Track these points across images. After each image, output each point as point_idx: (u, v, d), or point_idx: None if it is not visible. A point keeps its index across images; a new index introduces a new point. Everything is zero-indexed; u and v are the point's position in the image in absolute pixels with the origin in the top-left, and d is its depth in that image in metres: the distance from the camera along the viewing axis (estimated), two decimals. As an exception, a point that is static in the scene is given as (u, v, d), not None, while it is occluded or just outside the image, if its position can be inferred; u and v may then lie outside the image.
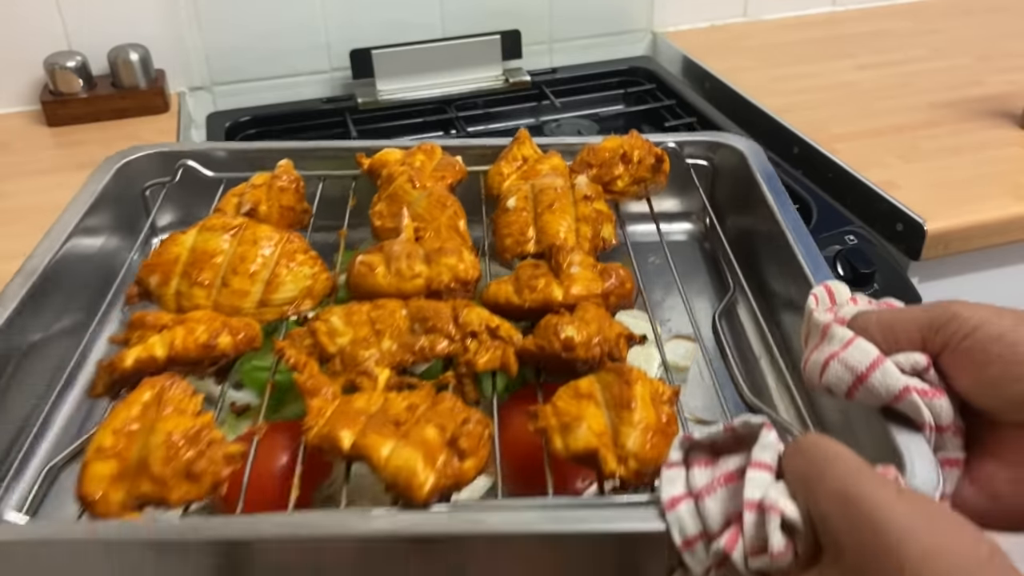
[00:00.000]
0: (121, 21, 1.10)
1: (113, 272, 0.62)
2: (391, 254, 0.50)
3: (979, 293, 0.98)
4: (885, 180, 0.93)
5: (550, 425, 0.42)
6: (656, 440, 0.41)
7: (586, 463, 0.42)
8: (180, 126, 1.08)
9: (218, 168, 0.65)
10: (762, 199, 0.62)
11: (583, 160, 0.62)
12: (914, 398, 0.36)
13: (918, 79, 1.16)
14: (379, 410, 0.42)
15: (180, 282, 0.49)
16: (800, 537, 0.31)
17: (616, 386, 0.43)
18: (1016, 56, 1.23)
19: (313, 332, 0.46)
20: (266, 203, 0.57)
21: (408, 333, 0.46)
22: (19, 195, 0.95)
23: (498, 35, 1.17)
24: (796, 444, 0.33)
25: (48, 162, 1.01)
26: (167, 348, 0.44)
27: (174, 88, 1.15)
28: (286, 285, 0.50)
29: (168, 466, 0.38)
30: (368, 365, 0.45)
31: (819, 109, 1.10)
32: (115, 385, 0.44)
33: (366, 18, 1.18)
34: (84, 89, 1.08)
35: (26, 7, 1.07)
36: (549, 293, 0.49)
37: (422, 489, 0.39)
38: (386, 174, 0.58)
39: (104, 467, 0.38)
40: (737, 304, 0.63)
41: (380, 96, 1.15)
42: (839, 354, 0.37)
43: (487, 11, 1.22)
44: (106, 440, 0.39)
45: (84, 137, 1.06)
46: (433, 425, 0.40)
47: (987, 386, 0.34)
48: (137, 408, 0.40)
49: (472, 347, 0.46)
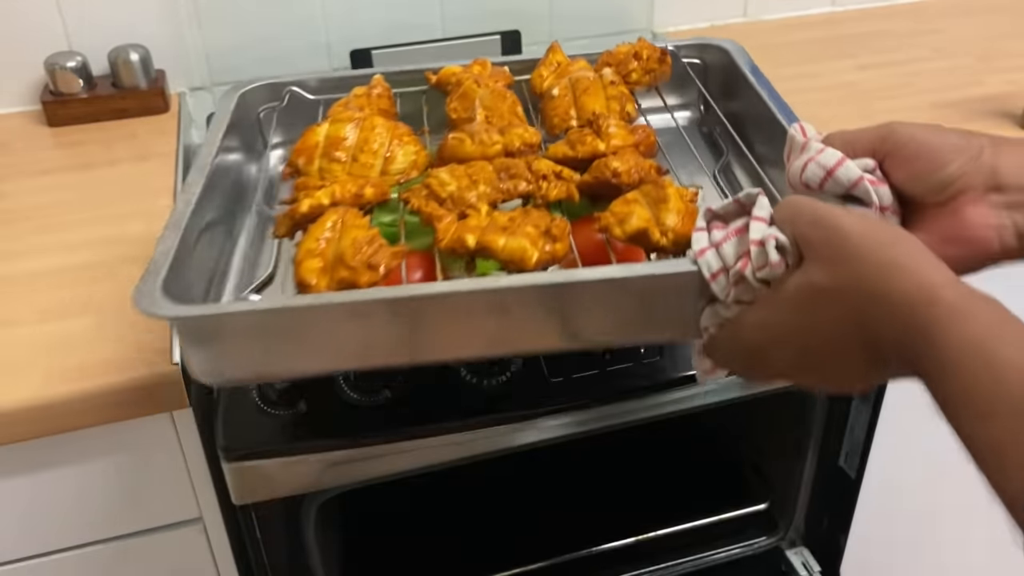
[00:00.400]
0: (121, 21, 1.10)
1: (242, 176, 0.79)
2: (473, 131, 0.67)
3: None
4: (885, 180, 0.93)
5: (610, 221, 0.59)
6: (686, 219, 0.57)
7: (638, 241, 0.58)
8: (180, 126, 1.08)
9: (315, 92, 0.82)
10: (748, 86, 0.77)
11: (604, 61, 0.79)
12: (866, 185, 0.50)
13: (918, 79, 1.16)
14: (489, 223, 0.59)
15: (321, 161, 0.66)
16: (789, 254, 0.46)
17: (654, 191, 0.60)
18: (1016, 56, 1.23)
19: (427, 185, 0.62)
20: (367, 108, 0.72)
21: (497, 180, 0.62)
22: (19, 195, 0.95)
23: (498, 35, 1.17)
24: (781, 202, 0.49)
25: (48, 162, 1.01)
26: (330, 197, 0.61)
27: (174, 88, 1.15)
28: (398, 159, 0.67)
29: (356, 259, 0.55)
30: (472, 200, 0.61)
31: (819, 109, 1.10)
32: (294, 227, 0.62)
33: (366, 18, 1.18)
34: (84, 89, 1.08)
35: (26, 7, 1.07)
36: (595, 146, 0.66)
37: (531, 261, 0.56)
38: (455, 80, 0.76)
39: (313, 263, 0.55)
40: (732, 165, 0.80)
41: (380, 96, 1.15)
42: (815, 158, 0.52)
43: (487, 11, 1.22)
44: (311, 245, 0.56)
45: (84, 137, 1.06)
46: (530, 224, 0.58)
47: (915, 178, 0.50)
48: (327, 226, 0.58)
49: (544, 186, 0.63)
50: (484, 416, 0.73)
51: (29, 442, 0.71)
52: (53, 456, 0.74)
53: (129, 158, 1.01)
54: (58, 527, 0.78)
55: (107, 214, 0.91)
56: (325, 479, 0.73)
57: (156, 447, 0.76)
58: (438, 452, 0.74)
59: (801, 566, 1.05)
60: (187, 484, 0.79)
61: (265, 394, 0.71)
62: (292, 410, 0.71)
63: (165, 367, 0.71)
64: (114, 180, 0.97)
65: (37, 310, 0.77)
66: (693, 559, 1.04)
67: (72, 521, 0.78)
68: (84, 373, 0.70)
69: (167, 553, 0.82)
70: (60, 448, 0.73)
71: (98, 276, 0.81)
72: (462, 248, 0.57)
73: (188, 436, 0.76)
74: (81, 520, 0.78)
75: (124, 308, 0.77)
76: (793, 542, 1.07)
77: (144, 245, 0.85)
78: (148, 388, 0.70)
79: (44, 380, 0.70)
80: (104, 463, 0.76)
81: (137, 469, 0.77)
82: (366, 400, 0.72)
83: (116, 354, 0.72)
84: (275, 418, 0.71)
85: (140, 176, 0.97)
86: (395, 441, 0.72)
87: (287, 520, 0.79)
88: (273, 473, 0.72)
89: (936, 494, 1.17)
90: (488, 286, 0.55)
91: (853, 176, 0.50)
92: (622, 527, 1.03)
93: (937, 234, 0.48)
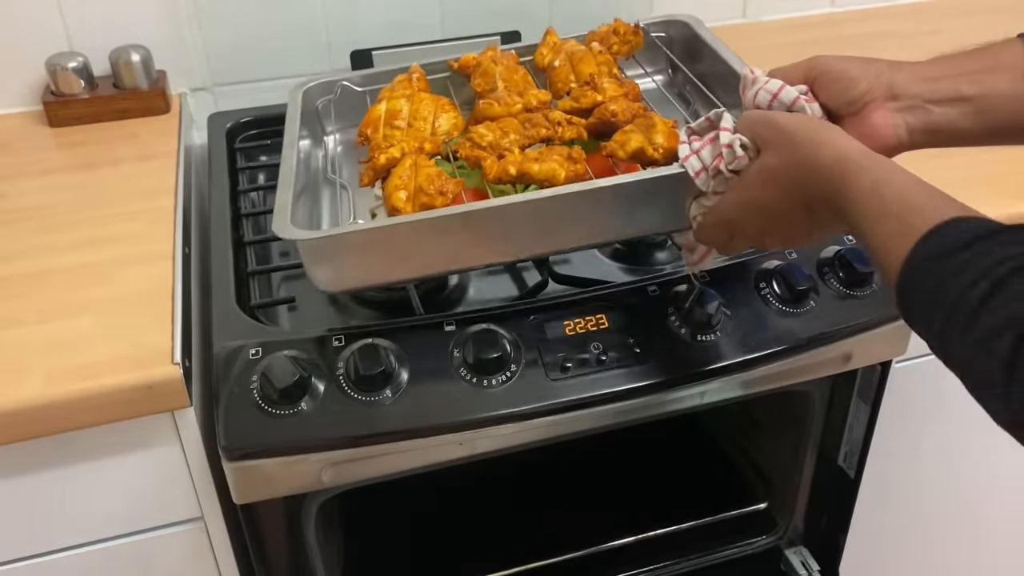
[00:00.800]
0: (122, 22, 1.10)
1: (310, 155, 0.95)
2: (498, 96, 0.85)
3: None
4: (884, 180, 0.93)
5: (614, 146, 0.77)
6: (670, 138, 0.75)
7: (637, 159, 0.76)
8: (181, 127, 1.08)
9: (361, 85, 0.97)
10: (708, 49, 0.92)
11: (590, 38, 0.96)
12: (802, 102, 0.65)
13: (917, 80, 1.16)
14: (522, 157, 0.76)
15: (384, 129, 0.84)
16: (750, 149, 0.62)
17: (644, 121, 0.78)
18: (1015, 57, 1.24)
19: (470, 138, 0.79)
20: (411, 88, 0.90)
21: (522, 128, 0.80)
22: (20, 195, 0.95)
23: (498, 36, 1.17)
24: (742, 116, 0.65)
25: (49, 163, 1.02)
26: (400, 151, 0.79)
27: (175, 89, 1.15)
28: (443, 124, 0.85)
29: (432, 187, 0.72)
30: (506, 145, 0.78)
31: (818, 110, 1.10)
32: (375, 176, 0.79)
33: (366, 19, 1.18)
34: (85, 90, 1.08)
35: (27, 8, 1.07)
36: (594, 97, 0.84)
37: (561, 178, 0.73)
38: (475, 63, 0.93)
39: (400, 193, 0.73)
40: (699, 112, 0.91)
41: (381, 97, 1.16)
42: (763, 87, 0.67)
43: (487, 11, 1.22)
44: (396, 182, 0.74)
45: (85, 138, 1.06)
46: (556, 154, 0.75)
47: (835, 96, 0.65)
48: (407, 166, 0.76)
49: (559, 130, 0.80)
50: (484, 416, 0.73)
51: (29, 442, 0.71)
52: (54, 456, 0.74)
53: (130, 158, 1.02)
54: (58, 527, 0.78)
55: (108, 214, 0.91)
56: (325, 479, 0.73)
57: (157, 447, 0.76)
58: (438, 452, 0.74)
59: (800, 565, 1.06)
60: (188, 484, 0.79)
61: (266, 394, 0.71)
62: (293, 410, 0.71)
63: (166, 367, 0.71)
64: (115, 180, 0.97)
65: (38, 310, 0.78)
66: (692, 559, 1.04)
67: (72, 521, 0.78)
68: (85, 373, 0.71)
69: (168, 552, 0.83)
70: (61, 448, 0.73)
71: (99, 276, 0.82)
72: (506, 176, 0.75)
73: (189, 436, 0.76)
74: (81, 520, 0.78)
75: (125, 308, 0.78)
76: (792, 541, 1.07)
77: (145, 245, 0.86)
78: (149, 388, 0.71)
79: (45, 380, 0.70)
80: (105, 463, 0.76)
81: (138, 469, 0.77)
82: (366, 399, 0.72)
83: (117, 354, 0.72)
84: (276, 418, 0.71)
85: (141, 176, 0.98)
86: (395, 441, 0.72)
87: (288, 519, 0.79)
88: (274, 473, 0.72)
89: (935, 494, 1.18)
90: (537, 197, 0.72)
91: (792, 96, 0.66)
92: (622, 527, 1.03)
93: (853, 135, 0.60)
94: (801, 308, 0.81)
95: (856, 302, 0.82)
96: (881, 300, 0.83)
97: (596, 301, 0.80)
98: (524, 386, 0.74)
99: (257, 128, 1.12)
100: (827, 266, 0.84)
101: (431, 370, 0.74)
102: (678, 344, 0.78)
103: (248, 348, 0.74)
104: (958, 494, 1.19)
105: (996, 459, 1.17)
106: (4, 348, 0.73)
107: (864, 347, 0.84)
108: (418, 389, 0.73)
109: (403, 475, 0.76)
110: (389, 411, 0.72)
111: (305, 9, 1.16)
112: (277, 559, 0.82)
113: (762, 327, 0.80)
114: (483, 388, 0.74)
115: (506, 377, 0.74)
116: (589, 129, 0.82)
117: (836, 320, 0.81)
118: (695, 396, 0.79)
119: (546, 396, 0.74)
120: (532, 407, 0.74)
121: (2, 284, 0.81)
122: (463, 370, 0.74)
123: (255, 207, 1.01)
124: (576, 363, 0.76)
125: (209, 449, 0.77)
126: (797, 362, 0.81)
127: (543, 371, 0.75)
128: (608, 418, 0.77)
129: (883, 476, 1.06)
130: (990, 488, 1.21)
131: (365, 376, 0.71)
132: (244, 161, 1.07)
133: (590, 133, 0.82)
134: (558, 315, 0.78)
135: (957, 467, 1.16)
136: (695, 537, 1.04)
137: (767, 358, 0.79)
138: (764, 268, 0.83)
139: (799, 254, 0.84)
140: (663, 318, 0.79)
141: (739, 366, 0.78)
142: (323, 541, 0.86)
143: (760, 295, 0.81)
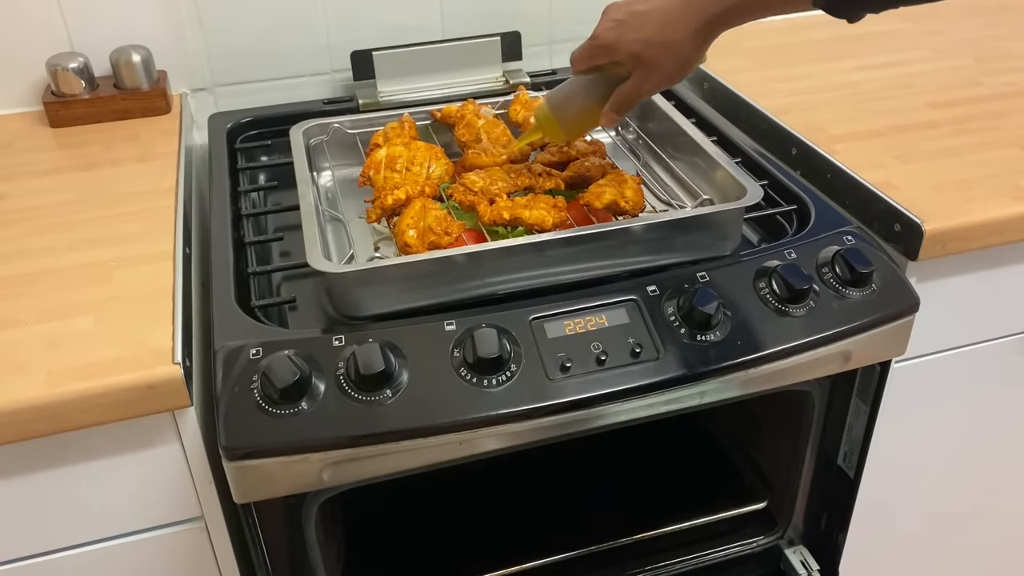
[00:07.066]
0: (123, 22, 1.10)
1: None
2: (484, 147, 0.97)
3: (977, 293, 0.99)
4: (883, 181, 0.94)
5: (590, 198, 0.87)
6: (638, 192, 0.89)
7: (610, 209, 0.87)
8: (182, 127, 1.09)
9: (351, 128, 1.05)
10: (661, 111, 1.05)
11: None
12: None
13: (917, 80, 1.17)
14: (512, 203, 0.86)
15: (384, 172, 0.93)
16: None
17: (616, 177, 0.90)
18: (1016, 57, 1.24)
19: (463, 184, 0.89)
20: (403, 135, 0.99)
21: (508, 177, 0.91)
22: (21, 195, 0.95)
23: (498, 37, 1.17)
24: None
25: (50, 163, 1.02)
26: (405, 193, 0.88)
27: (176, 89, 1.16)
28: (436, 169, 0.94)
29: (439, 227, 0.82)
30: (495, 191, 0.88)
31: (818, 110, 1.10)
32: (382, 214, 0.88)
33: (367, 20, 1.19)
34: (86, 90, 1.08)
35: (28, 8, 1.07)
36: (568, 153, 0.97)
37: (549, 224, 0.83)
38: (458, 114, 1.04)
39: (411, 232, 0.82)
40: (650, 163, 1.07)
41: (381, 97, 1.15)
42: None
43: (487, 13, 1.22)
44: (407, 222, 0.83)
45: (86, 138, 1.06)
46: (542, 202, 0.85)
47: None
48: (416, 209, 0.85)
49: (540, 180, 0.91)
50: (484, 416, 0.73)
51: (29, 442, 0.71)
52: (54, 456, 0.74)
53: (131, 159, 1.02)
54: (58, 527, 0.78)
55: (109, 214, 0.91)
56: (325, 478, 0.73)
57: (157, 446, 0.76)
58: (438, 452, 0.74)
59: (800, 565, 1.06)
60: (188, 483, 0.79)
61: (267, 393, 0.71)
62: (293, 410, 0.71)
63: (166, 366, 0.71)
64: (116, 181, 0.97)
65: (38, 310, 0.78)
66: (692, 558, 1.04)
67: (72, 521, 0.78)
68: (85, 373, 0.71)
69: (169, 552, 0.83)
70: (62, 448, 0.73)
71: (99, 276, 0.82)
72: (501, 219, 0.85)
73: (189, 435, 0.76)
74: (81, 520, 0.78)
75: (125, 308, 0.78)
76: (792, 541, 1.07)
77: (145, 245, 0.86)
78: (149, 387, 0.71)
79: (45, 380, 0.70)
80: (106, 462, 0.76)
81: (139, 468, 0.77)
82: (366, 399, 0.72)
83: (117, 354, 0.72)
84: (276, 417, 0.71)
85: (142, 177, 0.98)
86: (395, 441, 0.73)
87: (288, 519, 0.79)
88: (274, 472, 0.72)
89: (934, 493, 1.18)
90: (534, 240, 0.81)
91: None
92: (622, 526, 1.04)
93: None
94: (800, 308, 0.81)
95: (856, 302, 0.83)
96: (881, 300, 0.83)
97: (596, 301, 0.80)
98: (524, 386, 0.74)
99: (258, 128, 1.13)
100: (827, 266, 0.84)
101: (431, 370, 0.74)
102: (678, 344, 0.78)
103: (249, 348, 0.74)
104: (958, 494, 1.20)
105: (996, 459, 1.17)
106: (4, 348, 0.73)
107: (863, 347, 0.84)
108: (418, 389, 0.73)
109: (403, 475, 0.76)
110: (389, 411, 0.72)
111: (305, 10, 1.16)
112: (277, 559, 0.82)
113: (761, 327, 0.80)
114: (483, 388, 0.74)
115: (506, 377, 0.74)
116: (566, 180, 0.93)
117: (835, 320, 0.82)
118: (694, 396, 0.80)
119: (546, 396, 0.74)
120: (532, 407, 0.74)
121: (2, 284, 0.81)
122: (463, 370, 0.74)
123: (256, 207, 1.01)
124: (576, 363, 0.76)
125: (209, 449, 0.78)
126: (796, 362, 0.81)
127: (543, 371, 0.75)
128: (608, 418, 0.77)
129: (883, 476, 1.06)
130: (990, 488, 1.21)
131: (365, 376, 0.71)
132: (245, 161, 1.07)
133: (566, 184, 0.93)
134: (558, 315, 0.79)
135: (956, 467, 1.16)
136: (695, 537, 1.05)
137: (766, 358, 0.79)
138: (764, 267, 0.83)
139: (799, 254, 0.85)
140: (663, 318, 0.79)
141: (738, 366, 0.78)
142: (323, 540, 0.86)
143: (759, 295, 0.82)
